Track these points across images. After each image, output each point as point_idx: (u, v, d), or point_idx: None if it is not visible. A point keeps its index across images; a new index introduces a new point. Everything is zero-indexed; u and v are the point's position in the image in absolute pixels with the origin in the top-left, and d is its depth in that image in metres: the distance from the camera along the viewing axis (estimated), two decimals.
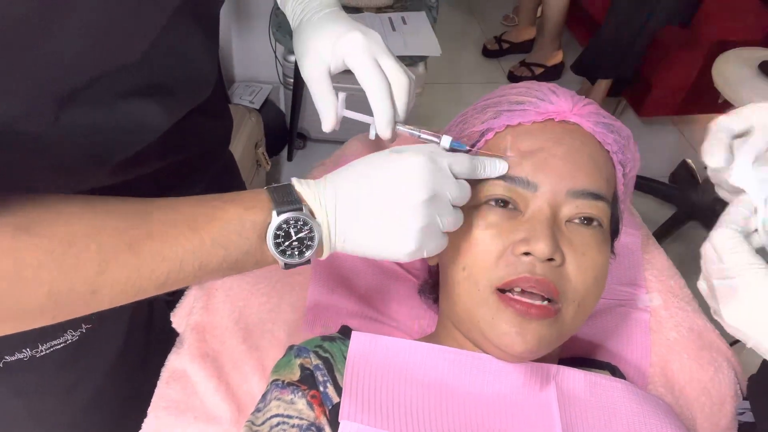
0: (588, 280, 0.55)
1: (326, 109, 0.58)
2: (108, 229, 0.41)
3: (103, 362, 0.72)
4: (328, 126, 0.59)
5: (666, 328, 0.74)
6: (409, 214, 0.46)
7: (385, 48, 0.58)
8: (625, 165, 0.61)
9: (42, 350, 0.63)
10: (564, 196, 0.55)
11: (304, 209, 0.46)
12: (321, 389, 0.54)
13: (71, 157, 0.44)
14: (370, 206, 0.47)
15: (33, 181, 0.42)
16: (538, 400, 0.54)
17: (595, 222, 0.56)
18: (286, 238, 0.46)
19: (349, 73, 0.58)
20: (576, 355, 0.71)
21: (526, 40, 2.71)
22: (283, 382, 0.56)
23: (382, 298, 0.76)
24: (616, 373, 0.66)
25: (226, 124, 0.77)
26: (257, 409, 0.55)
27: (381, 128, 0.57)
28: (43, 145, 0.41)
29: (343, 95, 0.59)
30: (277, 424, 0.52)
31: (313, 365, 0.56)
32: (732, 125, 0.48)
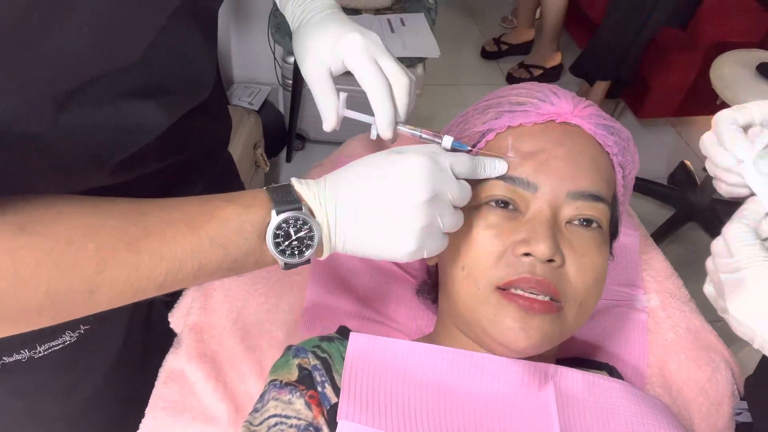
0: (588, 281, 0.55)
1: (327, 109, 0.58)
2: (106, 229, 0.41)
3: (102, 363, 0.71)
4: (329, 125, 0.59)
5: (664, 328, 0.74)
6: (410, 215, 0.46)
7: (384, 49, 0.58)
8: (624, 167, 0.61)
9: (40, 351, 0.63)
10: (564, 198, 0.55)
11: (303, 209, 0.46)
12: (319, 389, 0.54)
13: (70, 157, 0.44)
14: (371, 206, 0.47)
15: (32, 181, 0.41)
16: (537, 400, 0.55)
17: (595, 223, 0.56)
18: (285, 237, 0.46)
19: (350, 74, 0.59)
20: (574, 356, 0.71)
21: (525, 41, 2.72)
22: (281, 382, 0.56)
23: (380, 299, 0.76)
24: (614, 374, 0.66)
25: (225, 125, 0.77)
26: (255, 410, 0.55)
27: (382, 128, 0.57)
28: (43, 145, 0.41)
29: (345, 95, 0.59)
30: (275, 425, 0.52)
31: (311, 365, 0.56)
32: (738, 118, 0.47)
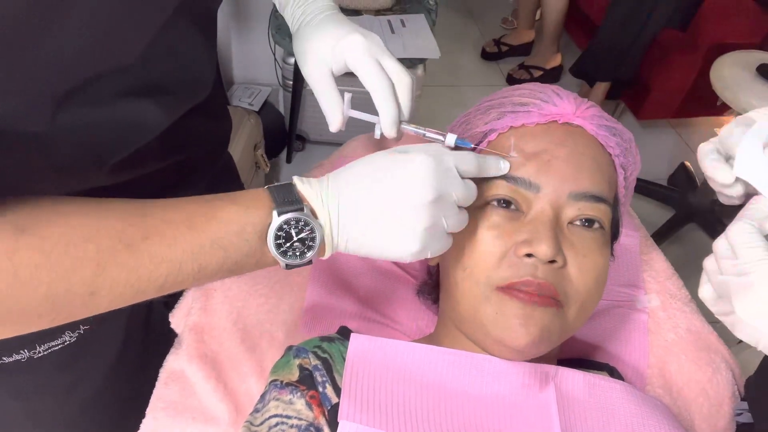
0: (589, 282, 0.55)
1: (331, 109, 0.58)
2: (106, 230, 0.40)
3: (102, 363, 0.71)
4: (335, 126, 0.59)
5: (664, 329, 0.74)
6: (414, 215, 0.46)
7: (385, 49, 0.58)
8: (626, 168, 0.61)
9: (40, 351, 0.63)
10: (566, 198, 0.55)
11: (305, 209, 0.45)
12: (320, 389, 0.54)
13: (70, 156, 0.44)
14: (374, 206, 0.46)
15: (32, 181, 0.41)
16: (537, 401, 0.54)
17: (597, 224, 0.56)
18: (287, 239, 0.45)
19: (350, 75, 0.59)
20: (574, 356, 0.71)
21: (525, 42, 2.72)
22: (281, 382, 0.56)
23: (381, 299, 0.76)
24: (615, 374, 0.66)
25: (225, 125, 0.77)
26: (256, 410, 0.55)
27: (386, 127, 0.57)
28: (42, 145, 0.41)
29: (349, 95, 0.59)
30: (276, 425, 0.52)
31: (311, 366, 0.56)
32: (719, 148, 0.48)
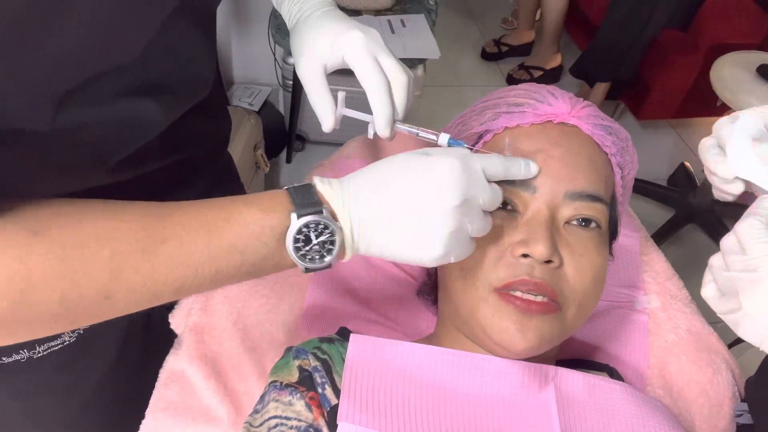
0: (586, 282, 0.55)
1: (324, 109, 0.58)
2: (121, 234, 0.40)
3: (102, 363, 0.71)
4: (328, 125, 0.58)
5: (664, 329, 0.74)
6: (439, 220, 0.44)
7: (384, 47, 0.58)
8: (623, 167, 0.61)
9: (40, 351, 0.63)
10: (562, 198, 0.55)
11: (324, 212, 0.44)
12: (319, 391, 0.54)
13: (70, 156, 0.44)
14: (398, 209, 0.45)
15: (32, 181, 0.41)
16: (537, 401, 0.54)
17: (594, 223, 0.56)
18: (306, 242, 0.44)
19: (345, 73, 0.58)
20: (574, 357, 0.71)
21: (525, 43, 2.72)
22: (281, 383, 0.55)
23: (380, 300, 0.76)
24: (615, 375, 0.66)
25: (225, 125, 0.77)
26: (255, 411, 0.55)
27: (380, 126, 0.56)
28: (42, 145, 0.41)
29: (343, 94, 0.58)
30: (276, 426, 0.52)
31: (311, 367, 0.56)
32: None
